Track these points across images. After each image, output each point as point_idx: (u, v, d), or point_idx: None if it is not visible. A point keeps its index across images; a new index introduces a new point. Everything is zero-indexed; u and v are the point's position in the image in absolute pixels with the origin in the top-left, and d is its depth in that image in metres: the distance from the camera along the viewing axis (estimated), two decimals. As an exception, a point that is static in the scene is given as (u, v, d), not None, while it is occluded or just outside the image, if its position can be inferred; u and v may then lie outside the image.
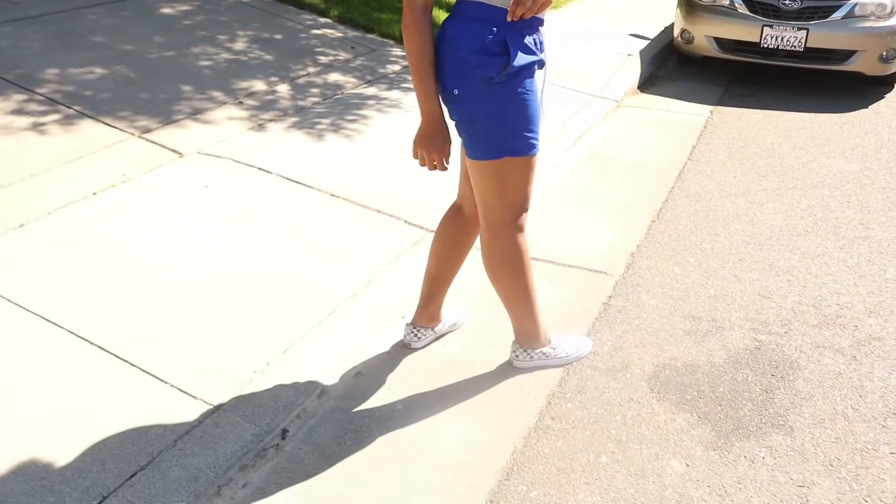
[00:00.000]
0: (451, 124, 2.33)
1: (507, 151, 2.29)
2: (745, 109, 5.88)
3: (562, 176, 4.48)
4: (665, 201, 4.18)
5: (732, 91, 6.39)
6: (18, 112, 4.20)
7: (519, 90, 2.23)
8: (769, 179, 4.53)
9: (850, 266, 3.55)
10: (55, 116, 4.21)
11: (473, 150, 2.33)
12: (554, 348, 2.74)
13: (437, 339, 2.89)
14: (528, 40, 2.23)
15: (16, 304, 2.76)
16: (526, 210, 2.44)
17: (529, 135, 2.30)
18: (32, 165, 3.71)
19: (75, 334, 2.64)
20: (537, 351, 2.71)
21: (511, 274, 2.49)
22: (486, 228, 2.44)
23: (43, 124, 4.11)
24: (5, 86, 4.46)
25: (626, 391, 2.65)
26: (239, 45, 5.69)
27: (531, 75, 2.26)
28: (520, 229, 2.44)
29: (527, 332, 2.66)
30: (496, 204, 2.38)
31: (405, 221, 3.66)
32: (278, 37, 6.01)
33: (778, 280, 3.40)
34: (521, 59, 2.20)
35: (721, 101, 6.09)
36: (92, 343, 2.61)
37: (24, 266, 2.98)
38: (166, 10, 6.17)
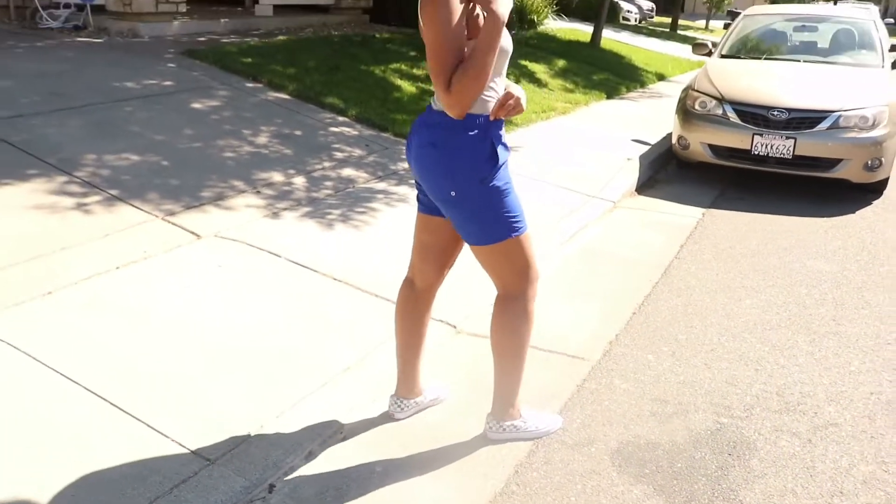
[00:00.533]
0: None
1: (502, 236, 2.62)
2: (736, 212, 6.18)
3: (553, 268, 4.76)
4: (648, 295, 4.44)
5: (726, 195, 6.72)
6: (57, 192, 4.60)
7: (503, 183, 2.57)
8: (750, 278, 4.78)
9: (817, 358, 3.76)
10: (89, 198, 4.59)
11: (477, 238, 2.66)
12: (525, 422, 2.96)
13: (420, 411, 3.12)
14: (503, 144, 2.58)
15: (38, 360, 3.05)
16: (537, 277, 2.75)
17: (516, 217, 2.63)
18: (63, 240, 4.06)
19: (90, 390, 2.91)
20: (508, 423, 2.93)
21: (514, 338, 2.78)
22: (505, 297, 2.76)
23: (77, 204, 4.49)
24: (48, 168, 4.88)
25: (590, 464, 2.85)
26: (261, 139, 6.13)
27: (506, 167, 2.60)
28: (532, 298, 2.75)
29: (505, 400, 2.90)
30: (510, 275, 2.71)
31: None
32: (298, 133, 6.45)
33: (746, 369, 3.61)
34: (504, 156, 2.56)
35: (714, 204, 6.40)
36: (105, 399, 2.88)
37: (48, 328, 3.28)
38: (196, 105, 6.66)
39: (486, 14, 2.40)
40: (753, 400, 3.35)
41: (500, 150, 2.55)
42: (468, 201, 2.56)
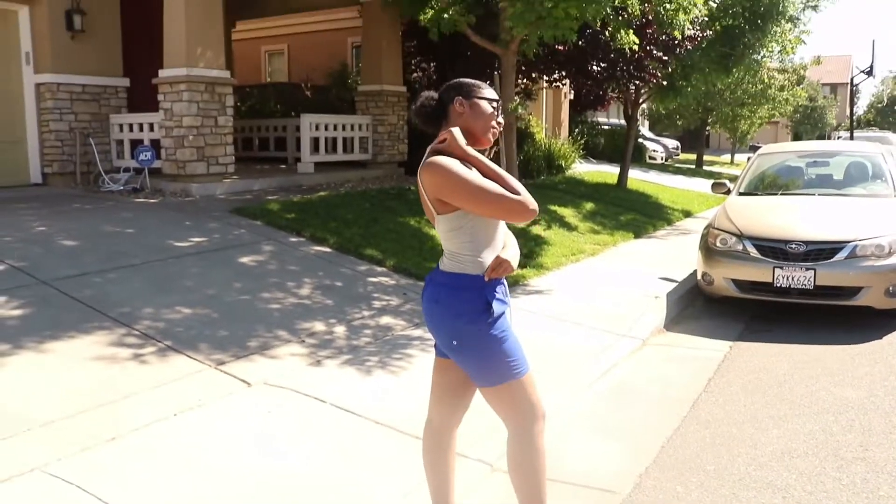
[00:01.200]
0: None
1: (504, 378, 2.89)
2: (762, 344, 6.34)
3: (582, 406, 4.94)
4: (676, 429, 4.59)
5: (752, 327, 6.90)
6: (117, 344, 4.98)
7: (500, 332, 2.88)
8: (776, 407, 4.91)
9: (844, 484, 3.85)
10: (146, 349, 4.96)
11: (481, 381, 2.95)
12: None
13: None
14: (500, 292, 2.92)
15: (100, 499, 3.29)
16: (542, 415, 2.97)
17: (513, 362, 2.90)
18: (123, 389, 4.39)
19: (151, 531, 3.14)
20: None
21: (528, 473, 2.98)
22: (514, 435, 2.99)
23: (135, 355, 4.85)
24: (110, 322, 5.29)
25: (621, 593, 2.97)
26: (304, 290, 6.53)
27: (504, 317, 2.92)
28: (539, 434, 2.96)
29: None
30: (516, 414, 2.94)
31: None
32: (339, 284, 6.85)
33: (773, 497, 3.72)
34: (499, 308, 2.89)
35: (741, 337, 6.58)
36: (164, 539, 3.10)
37: (114, 473, 3.55)
38: (244, 260, 7.13)
39: (472, 157, 2.86)
40: (781, 529, 3.45)
41: (495, 304, 2.87)
42: (468, 349, 2.89)
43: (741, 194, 8.60)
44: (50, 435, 3.87)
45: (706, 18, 13.10)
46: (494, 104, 2.98)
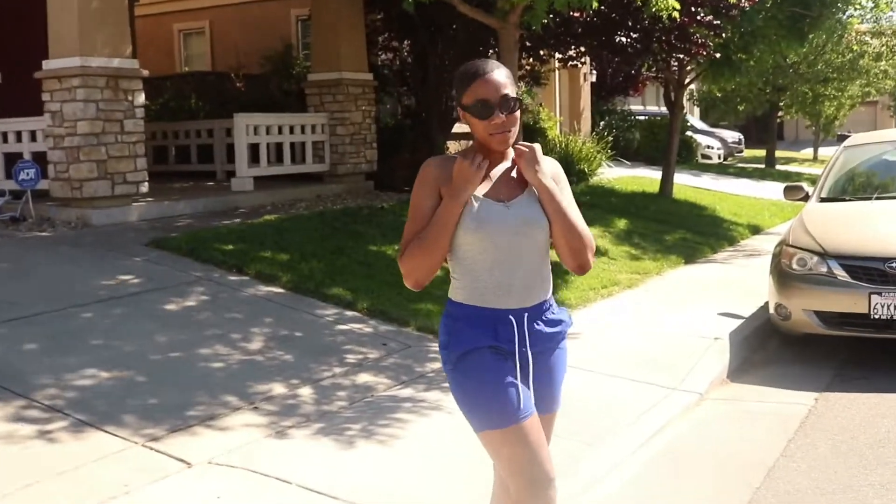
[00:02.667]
0: None
1: (478, 427, 3.25)
2: (858, 394, 6.65)
3: (625, 478, 5.22)
4: (748, 502, 4.87)
5: (844, 374, 7.21)
6: (12, 418, 5.23)
7: (476, 372, 3.20)
8: (878, 473, 5.20)
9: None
10: (53, 424, 5.21)
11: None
12: None
13: None
14: (478, 331, 3.22)
15: None
16: (539, 483, 3.15)
17: (489, 409, 3.19)
18: (28, 475, 4.63)
19: None
20: None
21: None
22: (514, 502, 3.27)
23: (39, 432, 5.10)
24: (2, 392, 5.52)
25: None
26: (254, 343, 6.80)
27: (483, 357, 3.20)
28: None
29: None
30: (506, 473, 3.25)
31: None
32: (298, 334, 7.13)
33: (874, 583, 4.00)
34: (463, 346, 3.22)
35: (829, 387, 6.88)
36: None
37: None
38: (170, 307, 7.41)
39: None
40: None
41: (458, 341, 3.23)
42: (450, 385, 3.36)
43: (823, 200, 8.90)
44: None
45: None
46: (480, 105, 3.18)
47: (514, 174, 3.29)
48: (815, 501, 4.87)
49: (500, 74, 3.20)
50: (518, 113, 3.22)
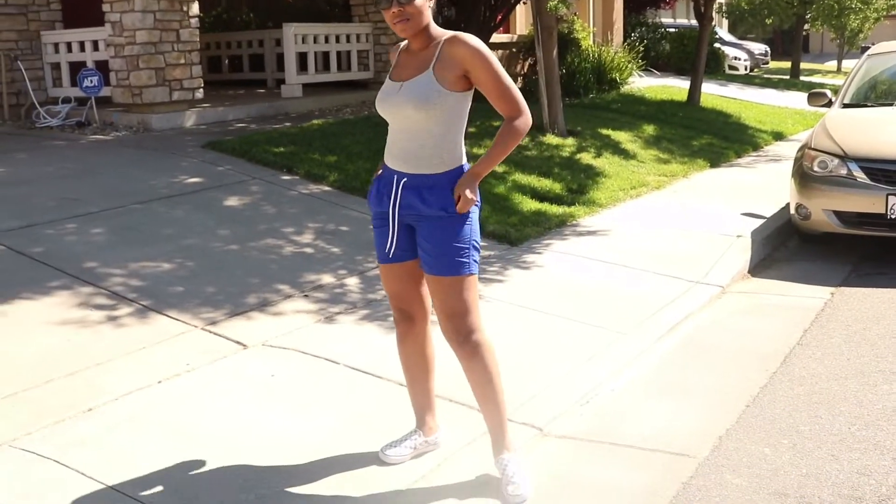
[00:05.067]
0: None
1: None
2: (873, 289, 6.62)
3: (650, 363, 5.26)
4: (764, 386, 4.89)
5: (861, 269, 7.16)
6: (84, 305, 5.34)
7: (374, 219, 3.83)
8: (888, 360, 5.20)
9: (966, 446, 4.15)
10: (120, 310, 5.32)
11: None
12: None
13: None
14: (378, 183, 3.75)
15: (83, 474, 3.66)
16: (394, 309, 3.92)
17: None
18: (97, 355, 4.75)
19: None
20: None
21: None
22: None
23: (108, 317, 5.21)
24: (71, 280, 5.65)
25: (699, 561, 3.30)
26: (305, 237, 6.86)
27: (378, 207, 3.75)
28: (396, 325, 3.93)
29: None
30: None
31: (479, 410, 4.47)
32: (345, 228, 7.18)
33: (882, 459, 4.03)
34: (374, 198, 3.77)
35: (846, 282, 6.85)
36: (165, 513, 3.47)
37: (93, 445, 3.91)
38: (228, 203, 7.47)
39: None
40: (891, 490, 3.76)
41: (374, 191, 3.76)
42: None
43: (846, 106, 8.78)
44: (15, 408, 4.23)
45: None
46: None
47: (426, 58, 3.57)
48: (827, 386, 4.89)
49: None
50: (418, 4, 3.46)
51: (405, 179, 3.61)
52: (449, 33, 3.59)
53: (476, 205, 3.62)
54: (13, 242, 6.21)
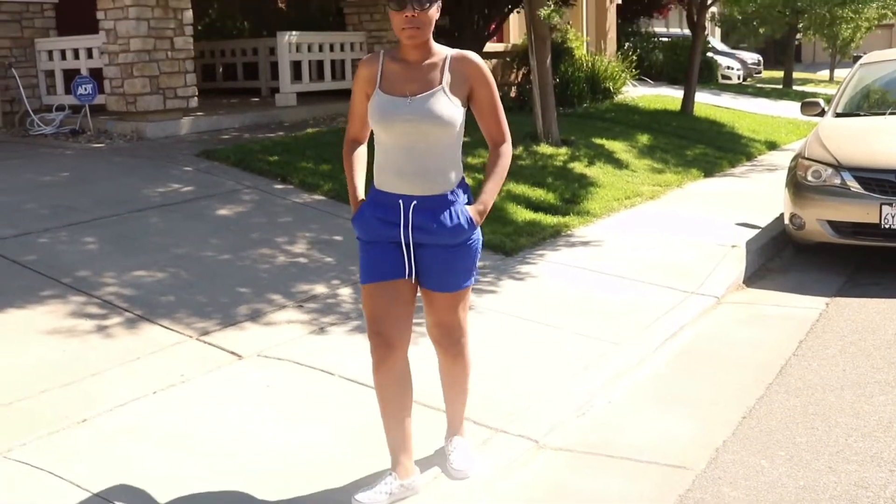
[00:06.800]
0: None
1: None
2: (868, 299, 6.61)
3: (646, 374, 5.25)
4: (760, 397, 4.88)
5: (855, 280, 7.16)
6: (77, 315, 5.31)
7: (360, 239, 3.79)
8: (884, 372, 5.19)
9: (963, 458, 4.14)
10: (112, 319, 5.29)
11: None
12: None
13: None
14: (375, 209, 3.66)
15: (78, 486, 3.63)
16: (373, 335, 3.65)
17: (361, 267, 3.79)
18: (91, 365, 4.73)
19: (143, 518, 3.48)
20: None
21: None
22: None
23: (100, 327, 5.18)
24: (64, 289, 5.63)
25: (697, 574, 3.28)
26: (298, 247, 6.84)
27: (366, 226, 3.70)
28: (372, 352, 3.66)
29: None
30: None
31: (474, 422, 4.45)
32: (339, 238, 7.15)
33: (879, 471, 4.02)
34: (358, 217, 3.74)
35: (840, 292, 6.85)
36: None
37: (88, 456, 3.88)
38: (221, 213, 7.45)
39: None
40: (889, 502, 3.74)
41: (369, 220, 3.66)
42: None
43: (839, 115, 8.79)
44: (9, 418, 4.20)
45: None
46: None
47: (431, 72, 3.51)
48: (824, 397, 4.88)
49: None
50: (432, 13, 3.42)
51: (415, 202, 3.53)
52: (452, 50, 3.58)
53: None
54: (7, 251, 6.18)
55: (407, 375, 3.74)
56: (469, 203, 3.65)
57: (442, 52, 3.56)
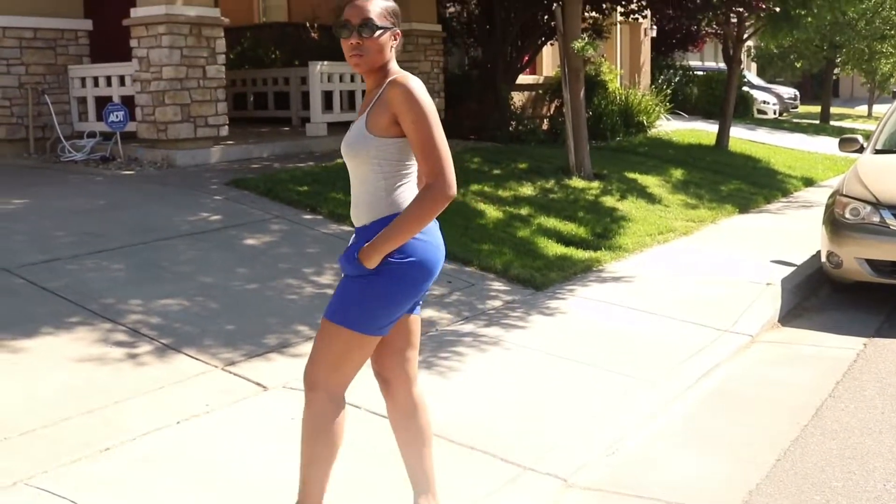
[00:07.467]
0: None
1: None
2: (908, 340, 6.54)
3: (678, 413, 5.20)
4: (795, 440, 4.82)
5: (894, 321, 7.08)
6: (103, 342, 5.34)
7: None
8: (924, 416, 5.12)
9: None
10: (139, 347, 5.32)
11: None
12: None
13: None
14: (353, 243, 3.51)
15: (107, 522, 3.64)
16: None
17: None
18: (115, 393, 4.75)
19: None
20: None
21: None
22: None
23: (127, 355, 5.21)
24: (91, 316, 5.66)
25: None
26: (325, 278, 6.85)
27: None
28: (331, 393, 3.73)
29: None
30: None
31: (501, 459, 4.43)
32: (367, 268, 7.15)
33: (917, 519, 3.95)
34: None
35: (879, 333, 6.77)
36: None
37: (109, 484, 3.89)
38: (249, 242, 7.48)
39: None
40: (926, 552, 3.68)
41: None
42: None
43: (878, 152, 8.74)
44: (32, 445, 4.22)
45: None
46: (341, 25, 3.31)
47: (370, 100, 3.36)
48: (861, 440, 4.81)
49: (372, 2, 3.29)
50: (380, 41, 3.29)
51: (354, 235, 3.52)
52: (398, 74, 3.33)
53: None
54: (35, 276, 6.24)
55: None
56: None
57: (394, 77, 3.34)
